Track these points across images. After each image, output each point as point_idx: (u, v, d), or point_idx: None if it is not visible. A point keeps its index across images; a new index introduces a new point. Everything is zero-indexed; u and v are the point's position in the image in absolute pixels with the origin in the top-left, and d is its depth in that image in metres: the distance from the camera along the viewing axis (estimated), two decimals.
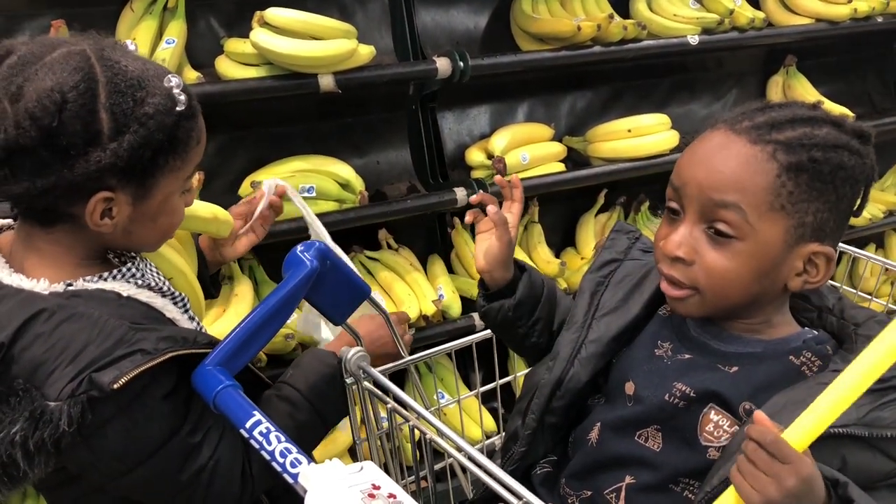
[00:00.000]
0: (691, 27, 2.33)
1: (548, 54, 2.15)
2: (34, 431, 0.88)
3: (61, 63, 0.93)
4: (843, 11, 2.51)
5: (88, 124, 0.93)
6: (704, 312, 1.02)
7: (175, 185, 1.04)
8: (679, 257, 0.98)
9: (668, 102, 2.61)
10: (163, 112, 0.97)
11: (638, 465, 1.02)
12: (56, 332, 0.92)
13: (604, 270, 1.17)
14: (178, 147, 1.00)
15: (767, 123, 0.96)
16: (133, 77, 0.96)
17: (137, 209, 1.01)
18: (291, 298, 1.10)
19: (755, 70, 2.77)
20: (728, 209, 0.94)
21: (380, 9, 2.17)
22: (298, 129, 2.09)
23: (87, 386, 0.89)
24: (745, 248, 0.95)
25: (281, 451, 0.92)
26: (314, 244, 1.14)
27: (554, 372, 1.11)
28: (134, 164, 0.96)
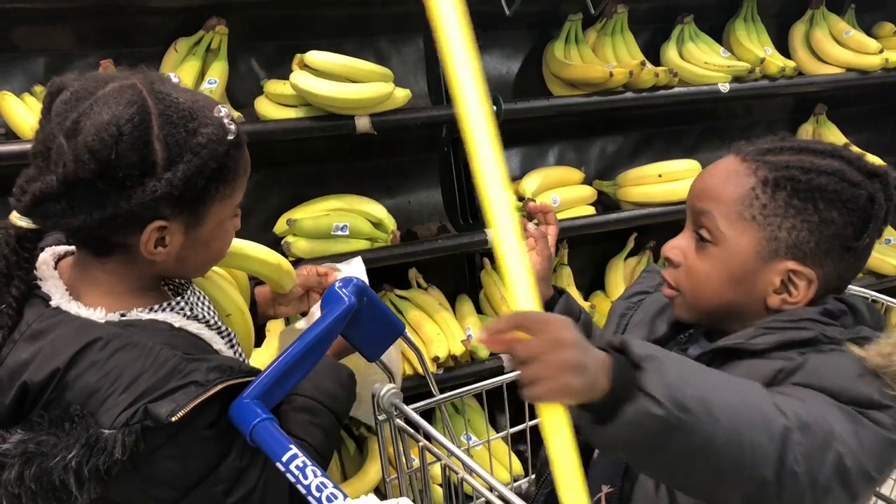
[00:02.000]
0: (722, 75, 2.35)
1: (580, 99, 2.18)
2: (89, 458, 0.89)
3: (115, 97, 0.96)
4: (873, 61, 2.53)
5: (144, 156, 0.95)
6: (690, 315, 1.08)
7: (226, 212, 1.07)
8: (669, 259, 1.07)
9: (698, 149, 2.63)
10: (215, 141, 0.99)
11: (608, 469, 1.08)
12: (111, 361, 0.94)
13: (633, 299, 1.24)
14: (227, 175, 1.03)
15: (771, 149, 1.02)
16: (184, 108, 0.99)
17: (190, 237, 1.03)
18: (329, 334, 1.12)
19: (785, 118, 2.78)
20: (704, 215, 1.02)
21: (415, 54, 2.22)
22: (333, 169, 2.14)
23: (143, 416, 0.91)
24: (718, 253, 1.02)
25: (317, 486, 0.93)
26: (352, 280, 1.16)
27: None
28: (187, 193, 0.98)
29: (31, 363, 0.95)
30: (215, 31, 1.89)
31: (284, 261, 1.39)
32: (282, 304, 1.45)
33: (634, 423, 0.77)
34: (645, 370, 0.79)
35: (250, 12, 2.00)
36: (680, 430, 0.78)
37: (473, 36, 1.06)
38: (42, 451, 0.90)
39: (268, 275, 1.37)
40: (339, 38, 2.09)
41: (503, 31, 2.32)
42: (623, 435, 0.79)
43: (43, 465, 0.90)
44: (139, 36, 1.91)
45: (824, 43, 2.59)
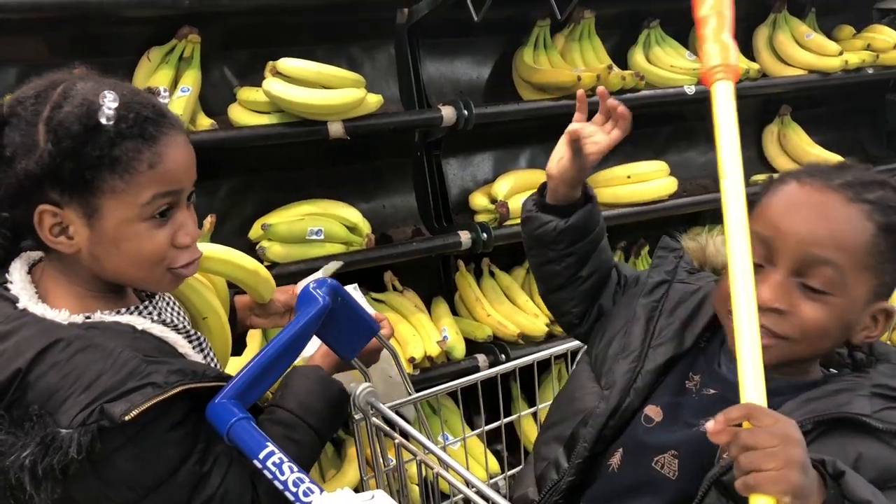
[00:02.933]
0: (688, 78, 2.41)
1: (549, 103, 2.22)
2: (44, 457, 0.90)
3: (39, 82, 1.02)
4: (834, 63, 2.59)
5: (26, 134, 0.97)
6: (783, 360, 1.01)
7: (126, 209, 1.01)
8: (777, 308, 0.98)
9: (666, 150, 2.68)
10: (91, 127, 0.97)
11: (655, 495, 1.03)
12: (72, 361, 0.95)
13: (656, 294, 1.18)
14: (117, 167, 0.99)
15: (860, 183, 0.98)
16: (81, 93, 0.98)
17: (95, 231, 1.01)
18: (304, 334, 1.13)
19: (751, 120, 2.84)
20: (826, 265, 0.95)
21: (387, 60, 2.25)
22: (307, 174, 2.16)
23: (98, 416, 0.92)
24: (838, 303, 0.96)
25: (294, 481, 0.95)
26: (326, 281, 1.17)
27: (610, 402, 1.12)
28: (70, 177, 0.97)
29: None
30: (188, 40, 1.91)
31: (262, 268, 1.40)
32: (259, 316, 1.45)
33: None
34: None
35: (222, 21, 2.02)
36: None
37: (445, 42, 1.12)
38: (0, 450, 0.91)
39: (244, 280, 1.37)
40: (311, 45, 2.12)
41: (473, 37, 2.36)
42: None
43: (0, 464, 0.91)
44: (112, 45, 1.93)
45: (787, 46, 2.66)
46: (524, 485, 1.21)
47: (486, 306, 2.21)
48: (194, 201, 1.10)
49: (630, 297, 1.23)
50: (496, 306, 2.23)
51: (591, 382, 1.19)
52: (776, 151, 2.80)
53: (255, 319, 1.45)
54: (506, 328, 2.15)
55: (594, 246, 1.24)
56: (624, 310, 1.22)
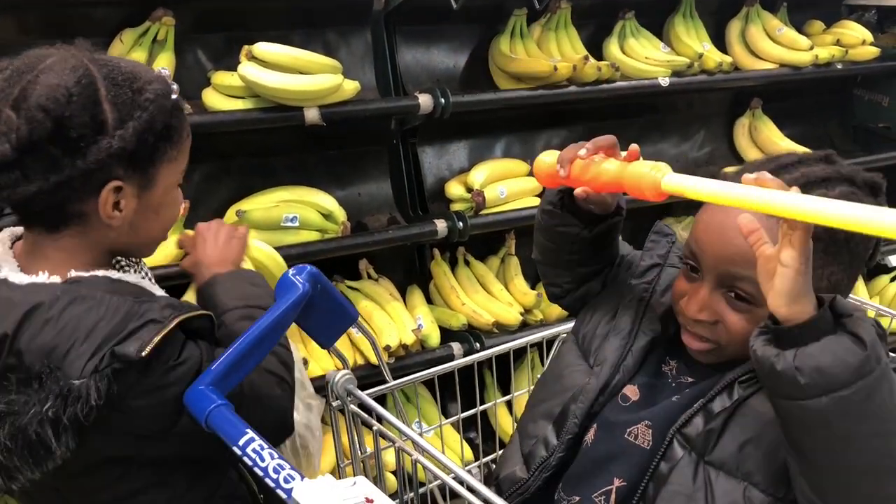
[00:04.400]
0: (662, 69, 2.43)
1: (526, 93, 2.23)
2: (65, 408, 0.92)
3: (59, 66, 1.00)
4: (804, 58, 2.63)
5: (94, 115, 1.00)
6: (720, 361, 1.07)
7: (173, 176, 1.11)
8: (702, 320, 1.04)
9: (640, 141, 2.63)
10: (162, 96, 1.05)
11: (627, 464, 1.06)
12: (64, 316, 0.97)
13: (648, 276, 1.20)
14: (174, 136, 1.08)
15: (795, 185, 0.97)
16: (127, 71, 1.04)
17: (142, 201, 1.07)
18: (283, 321, 1.13)
19: (722, 112, 2.88)
20: (744, 281, 0.99)
21: (363, 46, 2.24)
22: (282, 161, 2.14)
23: (111, 360, 0.94)
24: (762, 312, 0.96)
25: (274, 468, 0.94)
26: (305, 268, 1.17)
27: (601, 378, 1.14)
28: (139, 150, 1.03)
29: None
30: (162, 22, 1.88)
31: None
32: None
33: (836, 353, 0.81)
34: (854, 318, 0.84)
35: (197, 4, 1.99)
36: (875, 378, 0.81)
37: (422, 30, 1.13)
38: (13, 409, 0.93)
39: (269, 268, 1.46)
40: (287, 30, 2.10)
41: (450, 24, 2.35)
42: (816, 361, 0.81)
43: (16, 422, 0.93)
44: (84, 27, 1.89)
45: (759, 39, 2.69)
46: (511, 464, 1.22)
47: (461, 295, 2.22)
48: None
49: (621, 281, 1.25)
50: (471, 295, 2.23)
51: (578, 360, 1.21)
52: (747, 143, 2.84)
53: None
54: (480, 317, 2.16)
55: (606, 247, 1.25)
56: (615, 292, 1.24)
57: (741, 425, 0.99)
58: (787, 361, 0.83)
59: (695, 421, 1.02)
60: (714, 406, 1.01)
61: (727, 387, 1.02)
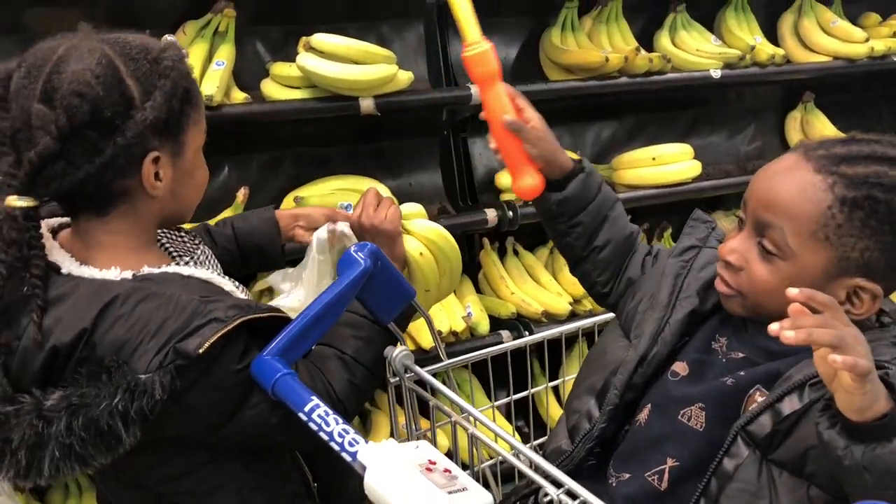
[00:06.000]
0: (714, 62, 2.42)
1: (576, 83, 2.24)
2: (132, 402, 0.96)
3: (76, 52, 1.02)
4: (860, 50, 2.60)
5: (122, 92, 1.02)
6: (746, 313, 1.10)
7: (199, 137, 1.15)
8: (729, 262, 1.08)
9: (690, 134, 2.70)
10: (178, 61, 1.09)
11: (681, 446, 1.07)
12: (135, 312, 1.01)
13: (686, 255, 1.23)
14: (193, 98, 1.11)
15: (841, 155, 1.00)
16: (138, 45, 1.06)
17: (177, 167, 1.11)
18: (345, 295, 1.17)
19: (774, 105, 2.85)
20: (773, 229, 1.02)
21: (416, 38, 2.27)
22: (336, 151, 2.19)
23: (174, 356, 0.98)
24: (786, 268, 1.02)
25: (339, 433, 0.98)
26: (367, 245, 1.20)
27: (639, 349, 1.17)
28: (168, 118, 1.06)
29: (56, 327, 1.01)
30: (223, 14, 1.94)
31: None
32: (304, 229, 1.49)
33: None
34: None
35: None
36: None
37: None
38: (85, 402, 0.97)
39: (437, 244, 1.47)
40: (342, 22, 2.14)
41: (502, 17, 2.37)
42: (885, 463, 0.83)
43: (89, 414, 0.97)
44: (148, 18, 1.95)
45: (812, 32, 2.66)
46: (557, 438, 1.25)
47: (510, 284, 2.24)
48: None
49: (661, 262, 1.28)
50: (520, 284, 2.25)
51: (620, 339, 1.25)
52: (798, 137, 2.81)
53: (299, 231, 1.50)
54: (529, 306, 2.17)
55: (600, 215, 1.30)
56: (653, 274, 1.27)
57: (809, 429, 0.96)
58: (854, 459, 0.83)
59: (761, 420, 1.00)
60: (783, 407, 0.99)
61: (798, 387, 0.99)
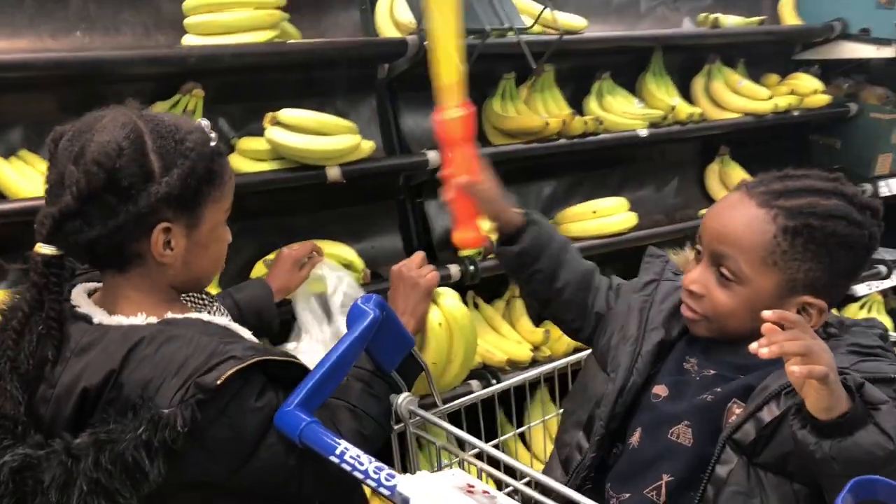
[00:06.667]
0: (640, 122, 2.65)
1: (522, 146, 2.42)
2: (156, 433, 1.02)
3: (111, 124, 1.14)
4: (765, 106, 2.89)
5: (143, 165, 1.12)
6: (711, 334, 1.23)
7: (218, 215, 1.23)
8: (692, 291, 1.21)
9: (622, 189, 2.91)
10: (201, 144, 1.18)
11: (674, 462, 1.18)
12: (159, 353, 1.08)
13: (647, 290, 1.36)
14: (216, 179, 1.20)
15: (779, 190, 1.15)
16: (170, 124, 1.17)
17: (191, 239, 1.19)
18: (358, 345, 1.24)
19: (694, 159, 3.11)
20: (728, 259, 1.16)
21: (369, 111, 2.42)
22: (301, 219, 2.28)
23: (195, 391, 1.05)
24: (743, 291, 1.16)
25: (374, 470, 1.05)
26: (371, 297, 1.27)
27: (617, 382, 1.28)
28: (184, 193, 1.15)
29: (86, 371, 1.08)
30: (192, 94, 2.03)
31: None
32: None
33: (863, 446, 0.95)
34: (881, 411, 0.96)
35: (218, 78, 2.15)
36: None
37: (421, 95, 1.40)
38: (112, 437, 1.03)
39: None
40: (300, 98, 2.25)
41: None
42: (849, 453, 0.95)
43: (115, 449, 1.02)
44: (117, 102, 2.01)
45: (722, 92, 2.95)
46: (552, 471, 1.35)
47: None
48: None
49: (625, 297, 1.41)
50: (483, 335, 2.37)
51: (599, 372, 1.35)
52: (718, 188, 3.07)
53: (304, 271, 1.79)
54: (494, 355, 2.29)
55: (556, 259, 1.42)
56: (621, 308, 1.39)
57: (785, 434, 1.08)
58: (824, 452, 0.97)
59: (745, 428, 1.11)
60: (764, 416, 1.10)
61: (774, 396, 1.10)
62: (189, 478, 1.12)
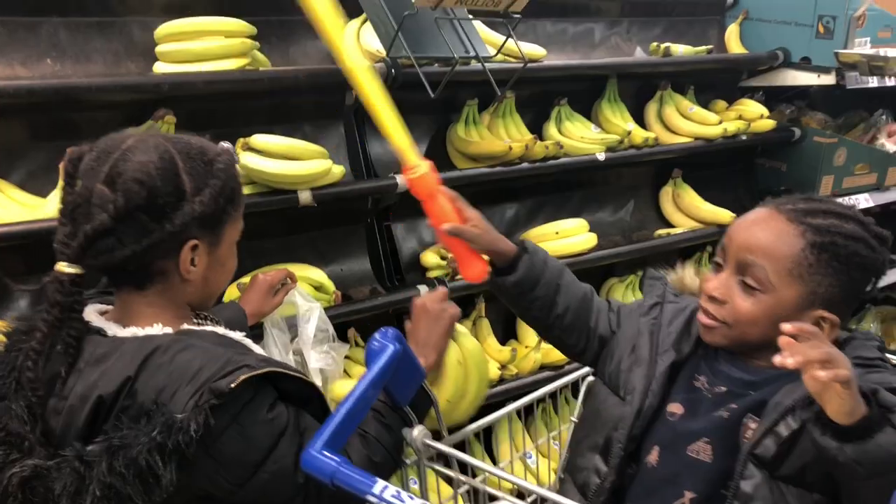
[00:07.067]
0: (598, 146, 2.75)
1: (486, 170, 2.50)
2: (169, 436, 1.05)
3: (141, 146, 1.18)
4: (715, 131, 3.02)
5: (177, 185, 1.17)
6: (727, 343, 1.27)
7: (235, 232, 1.29)
8: (715, 297, 1.25)
9: (581, 211, 3.00)
10: (230, 166, 1.24)
11: (695, 479, 1.21)
12: (174, 361, 1.12)
13: (653, 312, 1.41)
14: (236, 198, 1.27)
15: (806, 210, 1.22)
16: (197, 147, 1.23)
17: (212, 256, 1.24)
18: (380, 380, 1.21)
19: (648, 182, 3.23)
20: (755, 268, 1.20)
21: (338, 136, 2.48)
22: (271, 242, 2.32)
23: (208, 396, 1.08)
24: (765, 300, 1.20)
25: None
26: (388, 330, 1.24)
27: (634, 404, 1.31)
28: (213, 212, 1.20)
29: (102, 380, 1.11)
30: (164, 121, 2.06)
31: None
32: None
33: (885, 448, 1.01)
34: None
35: (189, 104, 2.18)
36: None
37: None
38: (125, 442, 1.05)
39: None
40: (270, 124, 2.30)
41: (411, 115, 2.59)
42: (872, 455, 1.01)
43: (128, 454, 1.04)
44: (89, 128, 2.05)
45: (674, 118, 3.07)
46: (568, 496, 1.34)
47: None
48: None
49: (631, 321, 1.44)
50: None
51: (611, 397, 1.38)
52: (672, 209, 3.18)
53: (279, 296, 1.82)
54: None
55: (553, 285, 1.44)
56: (628, 332, 1.43)
57: (802, 447, 1.14)
58: (846, 455, 1.02)
59: (765, 443, 1.16)
60: (781, 430, 1.15)
61: (790, 410, 1.14)
62: (196, 488, 1.14)
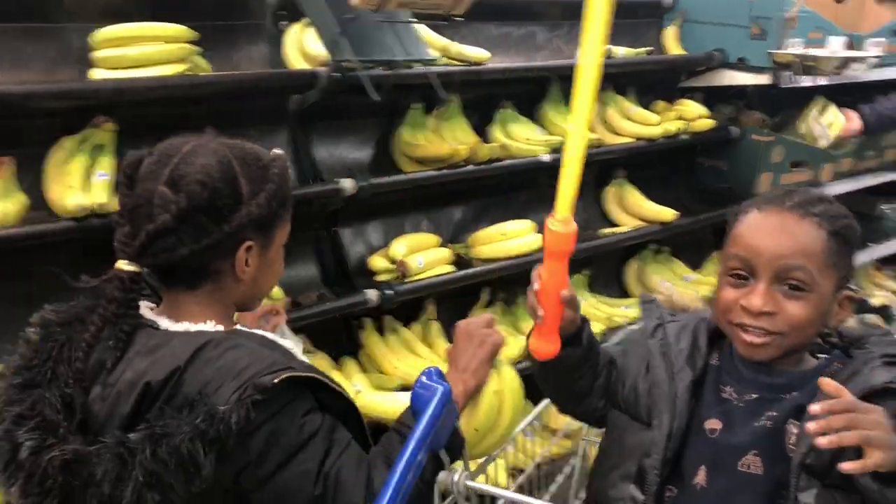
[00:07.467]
0: (542, 148, 2.78)
1: (433, 173, 2.51)
2: (211, 425, 1.06)
3: (200, 150, 1.23)
4: (656, 131, 3.08)
5: (235, 188, 1.22)
6: (778, 354, 1.23)
7: (284, 235, 1.32)
8: (766, 311, 1.20)
9: (527, 212, 3.03)
10: (284, 171, 1.30)
11: (750, 493, 1.20)
12: (223, 357, 1.14)
13: (658, 333, 1.39)
14: (287, 202, 1.31)
15: (802, 202, 1.22)
16: (251, 151, 1.28)
17: (263, 258, 1.28)
18: (435, 423, 1.16)
19: (592, 182, 3.28)
20: (799, 270, 1.19)
21: (282, 141, 2.46)
22: None
23: (252, 391, 1.09)
24: (813, 298, 1.19)
25: None
26: (431, 370, 1.22)
27: (663, 428, 1.28)
28: (267, 215, 1.24)
29: (151, 368, 1.14)
30: (103, 128, 2.03)
31: None
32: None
33: None
34: None
35: (129, 112, 2.14)
36: None
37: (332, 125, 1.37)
38: (168, 431, 1.07)
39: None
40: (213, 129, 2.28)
41: (356, 120, 2.62)
42: None
43: (171, 442, 1.06)
44: (27, 136, 2.01)
45: (616, 119, 3.13)
46: None
47: (393, 359, 2.41)
48: None
49: (636, 346, 1.42)
50: (402, 359, 2.43)
51: (632, 424, 1.36)
52: (616, 209, 3.24)
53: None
54: (413, 377, 2.34)
55: (597, 351, 1.40)
56: (635, 356, 1.41)
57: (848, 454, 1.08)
58: (888, 500, 1.03)
59: (813, 454, 1.14)
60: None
61: None
62: (224, 482, 1.13)
